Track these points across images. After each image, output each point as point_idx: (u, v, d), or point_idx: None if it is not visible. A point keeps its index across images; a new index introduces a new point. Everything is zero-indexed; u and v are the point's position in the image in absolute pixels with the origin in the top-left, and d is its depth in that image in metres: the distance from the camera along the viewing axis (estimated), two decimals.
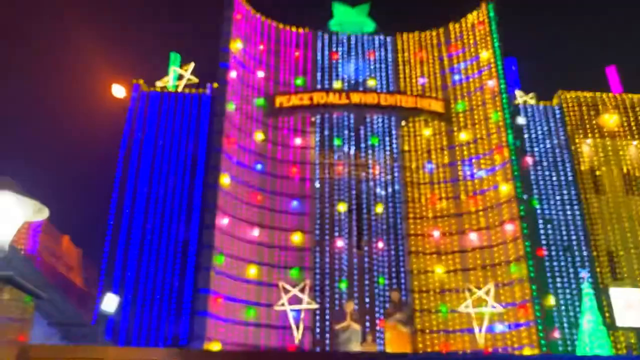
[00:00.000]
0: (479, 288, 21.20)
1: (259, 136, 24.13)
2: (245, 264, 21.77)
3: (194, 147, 24.19)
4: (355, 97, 24.53)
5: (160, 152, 22.99)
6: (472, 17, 25.78)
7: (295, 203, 23.53)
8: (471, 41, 25.54)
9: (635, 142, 24.74)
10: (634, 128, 24.82)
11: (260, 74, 25.32)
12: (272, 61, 25.98)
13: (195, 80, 25.66)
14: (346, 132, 25.16)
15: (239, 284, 21.32)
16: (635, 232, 23.40)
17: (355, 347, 17.41)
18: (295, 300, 21.35)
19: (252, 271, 21.71)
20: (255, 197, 22.99)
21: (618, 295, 21.53)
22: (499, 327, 20.64)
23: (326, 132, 25.11)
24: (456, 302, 21.59)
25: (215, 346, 19.01)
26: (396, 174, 24.45)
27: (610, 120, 24.76)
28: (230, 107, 23.11)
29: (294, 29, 26.84)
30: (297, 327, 20.83)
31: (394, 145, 25.02)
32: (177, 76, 25.65)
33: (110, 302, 17.29)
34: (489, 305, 20.75)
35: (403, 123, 25.02)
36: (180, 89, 25.10)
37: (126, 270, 20.78)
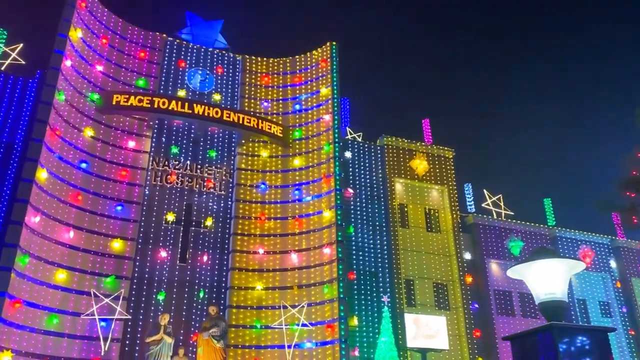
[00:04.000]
0: (294, 306, 22.51)
1: (88, 133, 22.81)
2: (54, 267, 20.21)
3: (10, 134, 22.04)
4: (198, 109, 24.57)
5: None
6: (317, 53, 27.65)
7: (119, 208, 22.59)
8: (314, 75, 27.35)
9: (437, 187, 28.61)
10: (437, 175, 28.71)
11: (99, 68, 24.08)
12: (114, 58, 24.88)
13: (22, 62, 23.45)
14: (184, 141, 25.01)
15: (44, 289, 19.70)
16: (430, 264, 26.91)
17: None
18: (107, 310, 20.44)
19: (61, 276, 20.20)
20: (76, 197, 21.59)
21: (411, 319, 24.44)
22: (307, 345, 22.06)
23: (163, 139, 24.68)
24: (271, 319, 22.59)
25: (5, 357, 17.27)
26: (230, 190, 24.92)
27: (420, 165, 28.35)
28: (60, 97, 21.54)
29: (142, 30, 26.07)
30: (106, 339, 19.95)
31: (232, 162, 25.52)
32: (0, 54, 23.19)
33: None
34: (301, 322, 22.14)
35: (243, 141, 25.68)
36: (3, 68, 22.69)
37: None
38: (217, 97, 26.26)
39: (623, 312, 30.18)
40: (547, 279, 6.03)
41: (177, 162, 24.44)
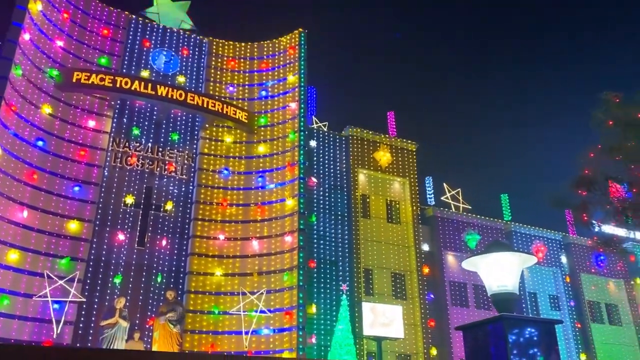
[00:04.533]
0: (253, 293, 22.53)
1: (46, 110, 22.08)
2: (6, 247, 19.60)
3: None
4: (162, 90, 24.10)
5: None
6: (285, 40, 27.47)
7: (77, 189, 22.03)
8: (281, 62, 27.18)
9: (399, 179, 29.01)
10: (399, 167, 29.09)
11: (60, 43, 23.28)
12: (76, 33, 24.09)
13: None
14: (146, 123, 24.51)
15: None
16: (389, 254, 27.34)
17: (120, 344, 17.07)
18: (60, 292, 20.00)
19: (13, 256, 19.62)
20: (31, 175, 20.92)
21: (368, 308, 24.77)
22: (265, 331, 22.14)
23: (124, 120, 24.13)
24: (229, 305, 22.55)
25: None
26: (192, 175, 24.62)
27: (384, 157, 28.66)
28: (17, 71, 20.76)
29: (106, 6, 25.30)
30: (58, 321, 19.53)
31: (194, 146, 25.19)
32: None
33: None
34: (259, 309, 22.20)
35: (206, 126, 25.35)
36: None
37: None
38: (181, 79, 25.81)
39: (571, 305, 31.45)
40: (500, 271, 6.25)
41: (138, 144, 23.95)
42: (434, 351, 25.98)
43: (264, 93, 26.77)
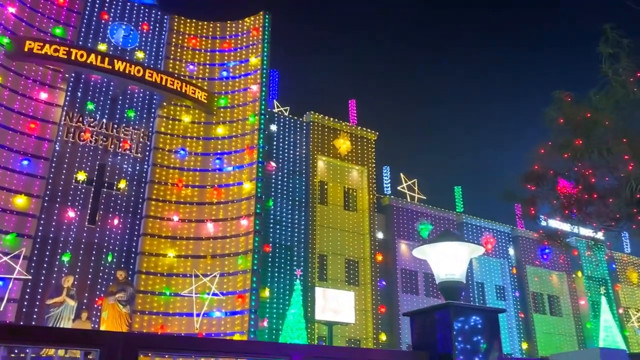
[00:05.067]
0: (206, 275, 22.36)
1: None
2: None
3: None
4: (119, 65, 23.37)
5: None
6: (249, 21, 27.06)
7: (26, 162, 21.20)
8: (244, 43, 26.78)
9: (357, 167, 29.25)
10: (358, 156, 29.32)
11: (11, 10, 22.19)
12: (30, 1, 22.99)
13: None
14: (102, 98, 23.76)
15: None
16: (344, 241, 27.62)
17: (67, 323, 16.66)
18: (4, 268, 19.31)
19: None
20: None
21: (321, 293, 25.02)
22: (216, 314, 22.05)
23: (79, 94, 23.31)
24: (181, 287, 22.32)
25: None
26: (147, 154, 24.07)
27: (343, 145, 28.80)
28: None
29: None
30: (2, 299, 18.88)
31: (151, 124, 24.61)
32: None
33: None
34: (212, 292, 22.07)
35: (164, 104, 24.79)
36: None
37: None
38: (140, 55, 25.10)
39: (516, 296, 32.66)
40: (449, 260, 6.40)
41: (92, 120, 23.22)
42: (383, 337, 26.53)
43: (225, 74, 26.35)
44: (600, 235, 13.69)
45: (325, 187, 28.11)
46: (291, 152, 27.35)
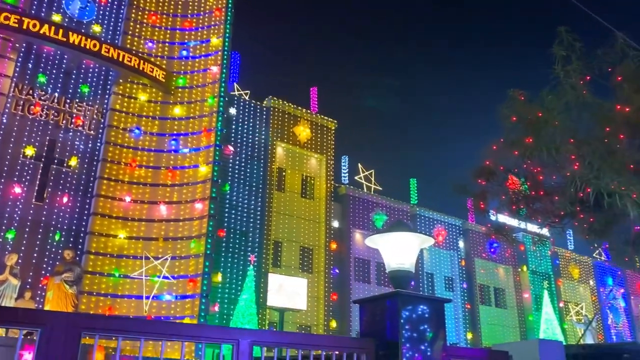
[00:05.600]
0: (157, 258, 22.00)
1: None
2: None
3: None
4: (74, 38, 22.48)
5: None
6: (212, 1, 26.51)
7: None
8: (205, 23, 26.25)
9: (316, 155, 29.31)
10: (318, 144, 29.37)
11: None
12: None
13: None
14: (54, 71, 22.84)
15: None
16: (299, 229, 27.71)
17: (9, 302, 16.14)
18: None
19: None
20: None
21: (274, 279, 25.09)
22: (167, 297, 21.77)
23: (30, 65, 22.33)
24: (131, 269, 21.89)
25: None
26: (100, 131, 23.36)
27: (303, 132, 28.79)
28: None
29: None
30: None
31: (105, 101, 23.87)
32: None
33: None
34: (162, 275, 21.75)
35: (120, 81, 24.07)
36: None
37: None
38: (97, 28, 24.24)
39: (463, 287, 33.66)
40: (399, 250, 6.54)
41: (43, 93, 22.32)
42: (333, 323, 26.87)
43: (184, 53, 25.77)
44: (545, 231, 14.23)
45: (284, 173, 28.07)
46: (250, 136, 27.12)
